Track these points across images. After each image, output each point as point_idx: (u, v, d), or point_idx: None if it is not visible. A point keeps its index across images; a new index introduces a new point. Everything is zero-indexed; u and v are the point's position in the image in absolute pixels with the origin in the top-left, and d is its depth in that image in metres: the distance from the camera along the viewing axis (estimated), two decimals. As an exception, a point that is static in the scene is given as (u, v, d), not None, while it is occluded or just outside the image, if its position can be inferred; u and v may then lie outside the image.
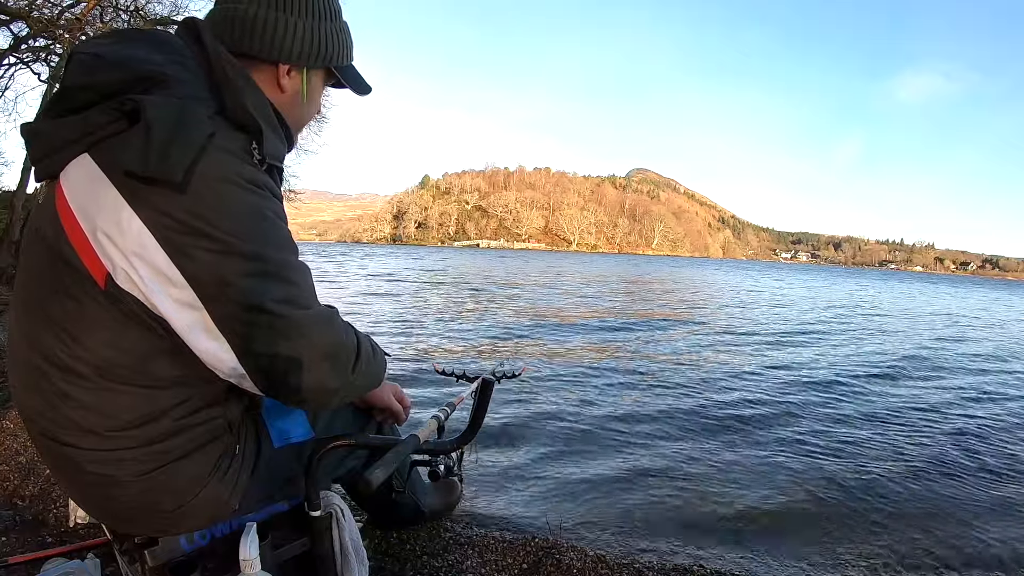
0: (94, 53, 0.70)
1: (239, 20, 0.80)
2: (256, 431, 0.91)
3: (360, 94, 0.99)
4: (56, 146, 0.69)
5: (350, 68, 0.95)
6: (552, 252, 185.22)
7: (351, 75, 0.95)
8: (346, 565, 0.99)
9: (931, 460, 2.87)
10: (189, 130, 0.65)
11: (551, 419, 3.26)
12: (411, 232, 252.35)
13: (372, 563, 1.21)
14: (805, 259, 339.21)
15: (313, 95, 0.92)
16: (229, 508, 0.86)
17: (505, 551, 1.64)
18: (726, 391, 4.20)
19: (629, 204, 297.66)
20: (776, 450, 2.92)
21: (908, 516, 2.22)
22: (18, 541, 1.55)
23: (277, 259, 0.70)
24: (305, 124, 0.96)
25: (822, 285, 28.29)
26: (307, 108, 0.92)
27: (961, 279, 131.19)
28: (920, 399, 4.28)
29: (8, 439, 2.11)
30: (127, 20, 9.94)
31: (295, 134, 0.92)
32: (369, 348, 0.84)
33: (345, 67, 0.93)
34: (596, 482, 2.37)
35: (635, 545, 1.85)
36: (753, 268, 75.45)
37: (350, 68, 0.95)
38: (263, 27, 0.80)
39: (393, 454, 0.90)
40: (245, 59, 0.80)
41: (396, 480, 1.47)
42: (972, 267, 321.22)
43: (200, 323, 0.67)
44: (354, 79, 0.96)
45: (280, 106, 0.84)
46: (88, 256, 0.67)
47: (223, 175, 0.67)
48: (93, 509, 0.82)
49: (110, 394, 0.71)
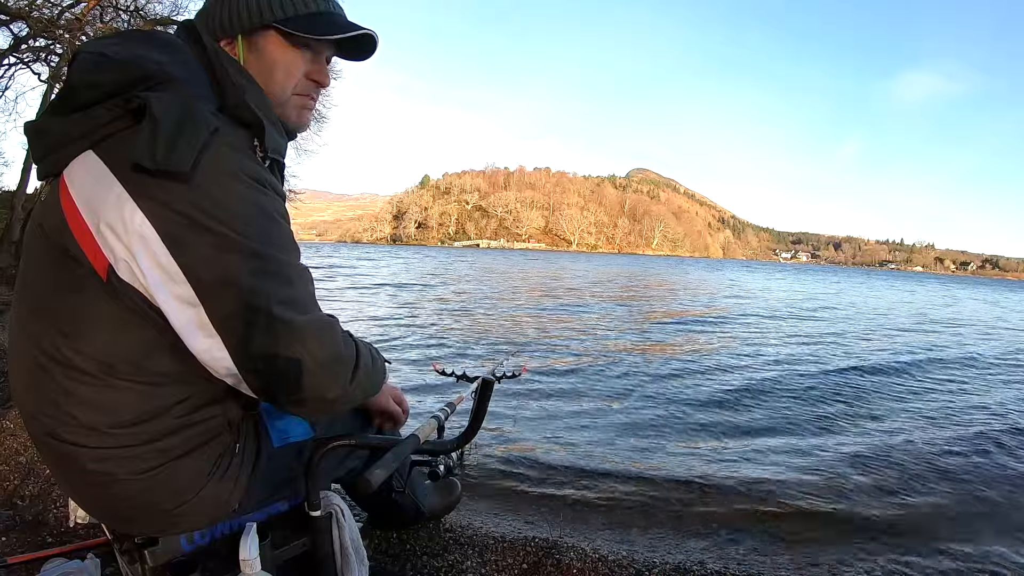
0: (99, 52, 0.70)
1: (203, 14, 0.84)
2: (256, 430, 0.91)
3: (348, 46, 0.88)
4: (60, 143, 0.69)
5: (312, 18, 0.82)
6: (552, 252, 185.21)
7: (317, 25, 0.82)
8: (346, 565, 0.99)
9: (936, 463, 2.87)
10: (196, 124, 0.65)
11: (551, 419, 3.26)
12: (411, 232, 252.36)
13: (372, 563, 1.21)
14: (805, 259, 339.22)
15: (266, 61, 0.82)
16: (229, 508, 0.85)
17: (505, 551, 1.64)
18: (727, 392, 4.19)
19: (629, 204, 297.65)
20: (777, 451, 2.92)
21: (910, 517, 2.21)
22: (18, 541, 1.55)
23: (278, 259, 0.70)
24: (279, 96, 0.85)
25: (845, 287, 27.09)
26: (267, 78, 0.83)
27: (962, 279, 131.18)
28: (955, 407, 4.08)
29: (8, 439, 2.11)
30: (127, 20, 9.95)
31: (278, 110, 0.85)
32: (369, 357, 0.82)
33: (302, 18, 0.82)
34: (596, 482, 2.37)
35: (635, 545, 1.85)
36: (757, 268, 75.39)
37: (312, 18, 0.82)
38: (207, 11, 0.83)
39: (393, 454, 0.91)
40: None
41: (396, 480, 1.47)
42: (972, 267, 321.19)
43: (197, 320, 0.67)
44: (324, 25, 0.83)
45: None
46: (90, 249, 0.67)
47: (228, 169, 0.67)
48: (93, 508, 0.82)
49: (111, 391, 0.71)
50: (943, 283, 53.60)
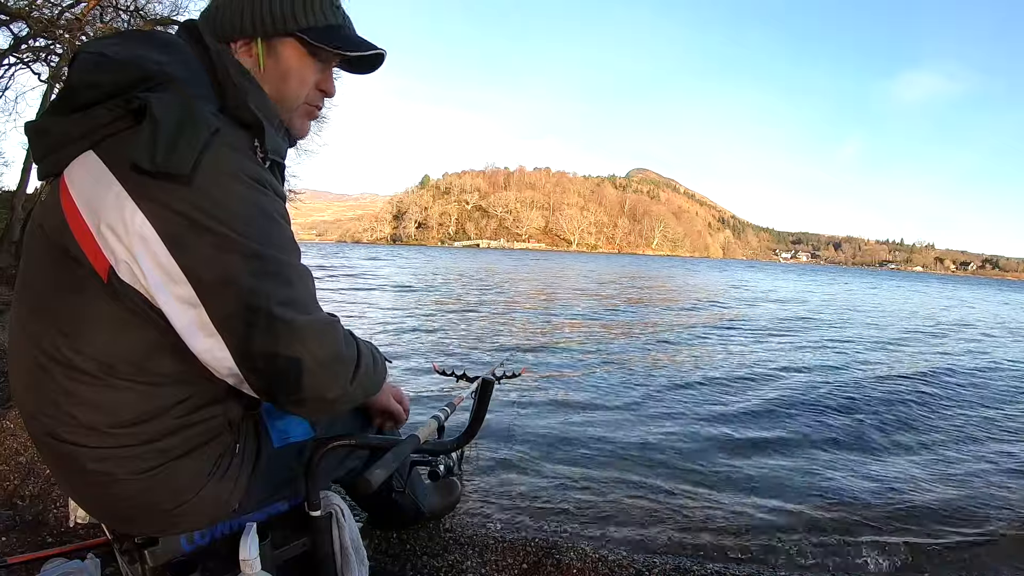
0: (99, 52, 0.70)
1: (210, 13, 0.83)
2: (256, 431, 0.91)
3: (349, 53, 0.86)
4: (60, 143, 0.69)
5: (331, 30, 0.84)
6: (552, 252, 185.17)
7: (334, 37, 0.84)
8: (346, 565, 0.99)
9: (943, 468, 2.87)
10: (196, 125, 0.65)
11: (551, 419, 3.26)
12: (411, 232, 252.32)
13: (372, 563, 1.21)
14: (805, 259, 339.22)
15: (283, 69, 0.83)
16: (229, 508, 0.86)
17: (505, 551, 1.64)
18: (728, 393, 4.19)
19: (629, 204, 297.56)
20: (778, 451, 2.92)
21: (913, 519, 2.21)
22: (18, 541, 1.55)
23: (278, 259, 0.70)
24: (290, 104, 0.87)
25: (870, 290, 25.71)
26: (281, 84, 0.84)
27: (962, 279, 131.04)
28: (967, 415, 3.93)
29: (8, 439, 2.11)
30: (127, 20, 9.95)
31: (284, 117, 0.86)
32: (369, 357, 0.83)
33: (320, 29, 0.83)
34: (597, 482, 2.37)
35: (635, 545, 1.85)
36: (762, 268, 75.05)
37: (331, 30, 0.84)
38: (217, 10, 0.83)
39: (393, 454, 0.91)
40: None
41: (396, 480, 1.47)
42: (972, 267, 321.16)
43: (198, 321, 0.67)
44: (341, 40, 0.85)
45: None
46: (91, 250, 0.67)
47: (228, 170, 0.67)
48: (93, 508, 0.82)
49: (111, 391, 0.71)
50: (950, 284, 53.36)
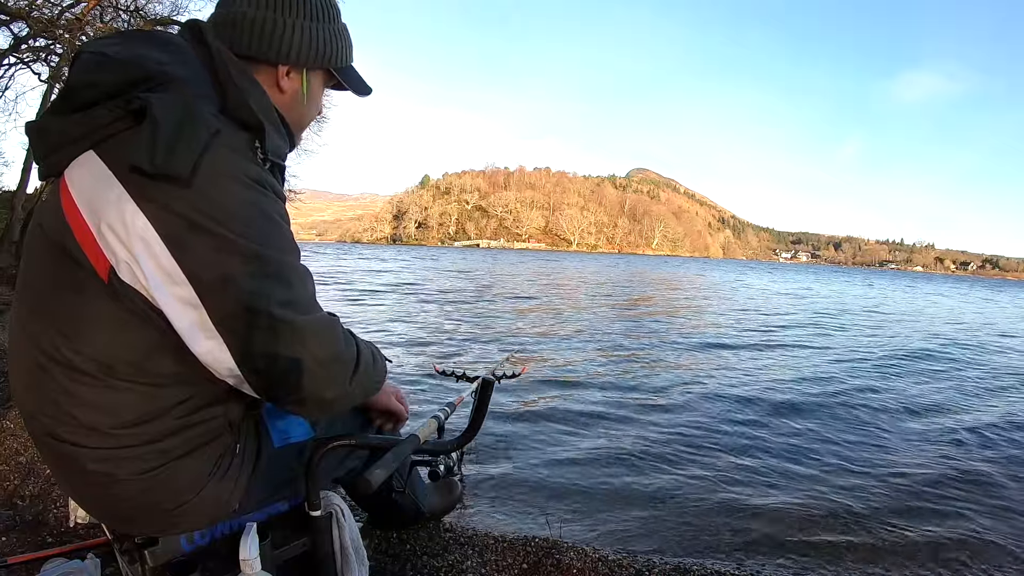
0: (100, 52, 0.70)
1: (240, 22, 0.81)
2: (256, 431, 0.91)
3: (360, 95, 1.01)
4: (61, 143, 0.69)
5: (350, 69, 0.96)
6: (553, 252, 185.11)
7: (351, 76, 0.97)
8: (346, 565, 0.99)
9: (945, 470, 2.87)
10: (195, 127, 0.65)
11: (551, 419, 3.26)
12: (411, 232, 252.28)
13: (372, 563, 1.21)
14: (805, 259, 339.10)
15: (313, 96, 0.93)
16: (229, 508, 0.86)
17: (505, 551, 1.64)
18: (729, 393, 4.19)
19: (629, 204, 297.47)
20: (778, 451, 2.92)
21: (914, 520, 2.21)
22: (18, 541, 1.54)
23: (278, 260, 0.70)
24: (306, 125, 0.97)
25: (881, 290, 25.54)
26: (308, 109, 0.93)
27: (963, 279, 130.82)
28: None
29: (8, 439, 2.11)
30: (127, 20, 9.94)
31: (296, 135, 0.93)
32: (369, 357, 0.84)
33: (344, 68, 0.95)
34: (597, 482, 2.37)
35: (635, 545, 1.85)
36: (765, 268, 74.73)
37: (350, 69, 0.96)
38: (262, 29, 0.82)
39: (393, 454, 0.91)
40: (245, 60, 0.81)
41: (396, 480, 1.47)
42: (972, 267, 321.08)
43: (199, 322, 0.67)
44: (354, 80, 0.97)
45: (281, 107, 0.86)
46: (92, 250, 0.67)
47: (227, 171, 0.67)
48: (93, 508, 0.82)
49: (112, 391, 0.71)
50: (953, 283, 53.20)
